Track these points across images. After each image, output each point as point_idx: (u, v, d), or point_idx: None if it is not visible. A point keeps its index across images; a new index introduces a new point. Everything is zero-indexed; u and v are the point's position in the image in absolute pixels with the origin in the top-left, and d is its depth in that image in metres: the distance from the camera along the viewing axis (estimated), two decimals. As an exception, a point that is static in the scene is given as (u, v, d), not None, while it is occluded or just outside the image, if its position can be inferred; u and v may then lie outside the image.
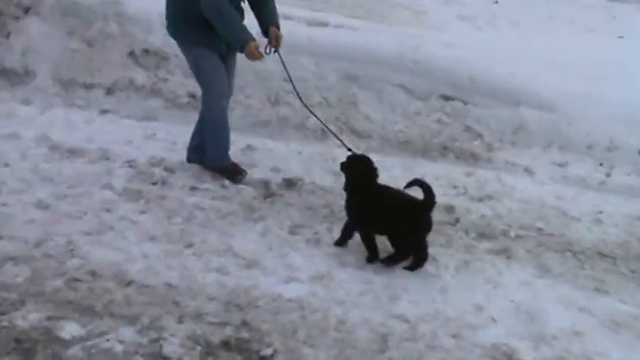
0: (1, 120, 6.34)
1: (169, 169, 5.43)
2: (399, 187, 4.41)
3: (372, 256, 4.39)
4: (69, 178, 5.21)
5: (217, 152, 5.38)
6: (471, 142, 6.06)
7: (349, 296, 4.03)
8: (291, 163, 5.75)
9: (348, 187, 4.50)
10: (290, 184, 5.33)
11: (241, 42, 4.81)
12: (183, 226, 4.61)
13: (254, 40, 4.84)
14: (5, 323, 3.50)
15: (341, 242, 4.52)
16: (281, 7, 7.42)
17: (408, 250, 4.35)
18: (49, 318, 3.58)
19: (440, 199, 5.08)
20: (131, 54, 7.10)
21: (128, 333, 3.55)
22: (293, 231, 4.67)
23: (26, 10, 7.57)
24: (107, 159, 5.60)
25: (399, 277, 4.26)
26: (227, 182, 5.27)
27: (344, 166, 4.58)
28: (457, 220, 5.02)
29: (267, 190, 5.22)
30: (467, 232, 4.88)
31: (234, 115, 6.42)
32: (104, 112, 6.70)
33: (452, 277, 4.33)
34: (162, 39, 7.05)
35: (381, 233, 4.40)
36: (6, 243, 4.27)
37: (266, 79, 6.68)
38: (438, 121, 6.56)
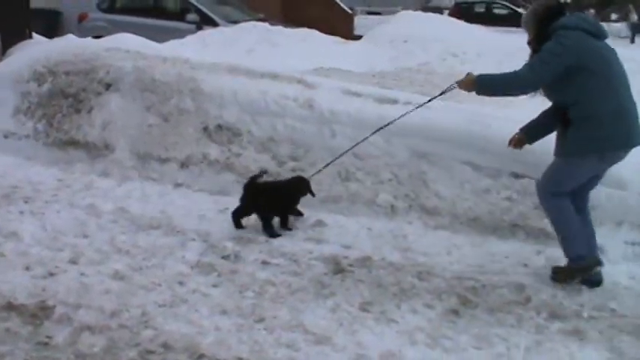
0: (81, 192, 6.61)
1: (241, 244, 5.54)
2: None
3: None
4: (144, 251, 5.37)
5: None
6: (542, 219, 5.98)
7: (419, 375, 4.01)
8: (362, 239, 5.79)
9: None
10: (360, 260, 5.36)
11: None
12: (254, 301, 4.68)
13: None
14: (82, 394, 3.60)
15: None
16: (351, 85, 7.56)
17: None
18: (123, 389, 3.67)
19: (510, 277, 5.00)
20: (205, 129, 7.32)
21: (199, 407, 3.61)
22: (363, 308, 4.68)
23: (107, 87, 7.92)
24: (180, 232, 5.75)
25: (469, 356, 4.23)
26: (298, 257, 5.34)
27: None
28: (528, 300, 4.95)
29: (337, 266, 5.26)
30: (538, 312, 4.80)
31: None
32: (178, 185, 6.92)
33: (522, 358, 4.26)
34: (235, 115, 7.27)
35: None
36: (83, 312, 4.41)
37: (336, 155, 6.77)
38: (508, 198, 6.52)
